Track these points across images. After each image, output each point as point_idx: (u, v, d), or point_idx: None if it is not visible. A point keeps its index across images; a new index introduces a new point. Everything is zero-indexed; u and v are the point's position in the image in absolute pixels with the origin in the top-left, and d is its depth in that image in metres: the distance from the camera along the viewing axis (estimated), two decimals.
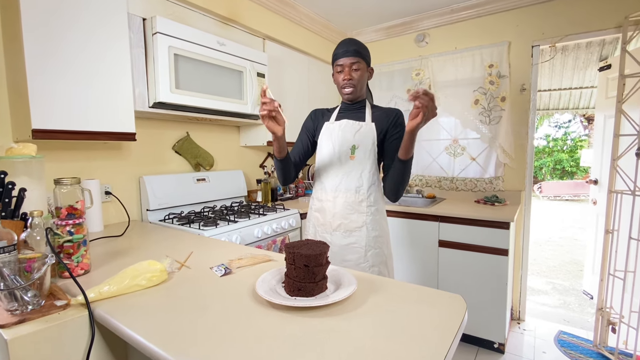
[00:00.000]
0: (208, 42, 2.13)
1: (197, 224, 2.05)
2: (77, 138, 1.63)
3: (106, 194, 2.08)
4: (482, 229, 2.44)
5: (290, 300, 0.92)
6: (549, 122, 14.84)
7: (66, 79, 1.57)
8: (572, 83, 4.94)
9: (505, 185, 3.05)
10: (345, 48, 1.57)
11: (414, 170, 3.50)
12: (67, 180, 1.16)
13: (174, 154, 2.48)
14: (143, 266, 1.08)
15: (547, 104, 6.09)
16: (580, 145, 14.20)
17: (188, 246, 1.56)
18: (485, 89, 3.04)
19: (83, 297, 0.94)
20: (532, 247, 5.76)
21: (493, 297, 2.43)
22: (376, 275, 1.17)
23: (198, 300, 0.97)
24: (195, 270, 1.23)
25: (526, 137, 2.94)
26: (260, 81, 2.49)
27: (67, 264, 1.14)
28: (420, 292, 1.02)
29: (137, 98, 1.90)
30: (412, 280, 2.76)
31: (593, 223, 3.41)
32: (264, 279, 1.04)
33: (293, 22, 3.04)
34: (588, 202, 3.71)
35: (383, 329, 0.81)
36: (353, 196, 1.61)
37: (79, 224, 1.17)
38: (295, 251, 0.96)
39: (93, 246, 1.56)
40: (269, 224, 2.28)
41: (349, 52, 1.56)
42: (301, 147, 1.75)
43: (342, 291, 0.96)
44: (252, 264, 1.28)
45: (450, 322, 0.84)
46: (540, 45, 2.85)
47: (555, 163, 14.49)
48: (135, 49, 1.89)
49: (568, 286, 4.09)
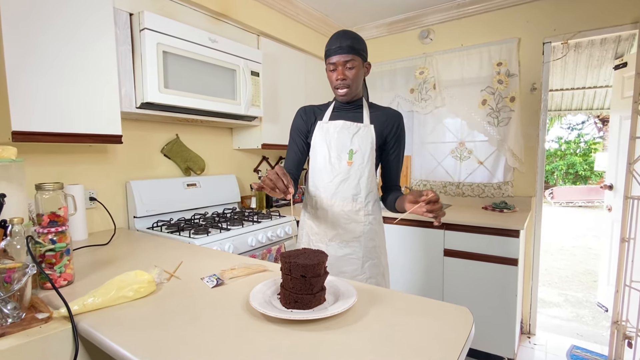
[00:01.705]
0: (199, 39, 2.14)
1: (188, 231, 2.05)
2: (59, 141, 1.64)
3: (91, 200, 2.08)
4: (490, 237, 2.45)
5: (287, 313, 0.92)
6: (561, 124, 14.88)
7: (48, 78, 1.58)
8: (585, 82, 4.97)
9: (515, 191, 3.06)
10: (338, 44, 1.51)
11: (418, 175, 3.51)
12: (49, 186, 1.17)
13: (162, 158, 2.49)
14: (130, 277, 1.08)
15: (559, 105, 6.13)
16: (594, 148, 14.24)
17: (178, 255, 1.56)
18: (493, 89, 3.06)
19: (66, 309, 0.94)
20: (543, 256, 5.77)
21: (502, 309, 2.44)
22: (377, 287, 1.18)
23: (188, 313, 0.97)
24: (186, 281, 1.23)
25: (537, 139, 2.95)
26: (255, 80, 2.50)
27: (49, 274, 1.14)
28: (424, 304, 1.02)
29: (124, 98, 1.91)
30: (415, 292, 2.76)
31: (608, 231, 3.42)
32: (259, 291, 1.04)
33: (289, 17, 3.06)
34: (603, 209, 3.73)
35: (385, 344, 0.82)
36: (350, 204, 1.59)
37: (62, 231, 1.18)
38: (291, 261, 0.96)
39: (77, 255, 1.56)
40: (264, 231, 2.28)
41: (342, 48, 1.50)
42: (296, 155, 1.71)
43: (342, 303, 0.97)
44: (246, 274, 1.28)
45: (456, 336, 0.85)
46: (552, 42, 2.86)
47: (568, 167, 14.53)
48: (122, 46, 1.90)
49: (581, 298, 4.10)
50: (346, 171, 1.58)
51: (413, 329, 0.88)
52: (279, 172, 1.27)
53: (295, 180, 1.67)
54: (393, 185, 1.70)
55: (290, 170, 1.68)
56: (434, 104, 3.33)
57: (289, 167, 1.69)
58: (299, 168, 1.71)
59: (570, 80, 4.90)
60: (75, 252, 1.58)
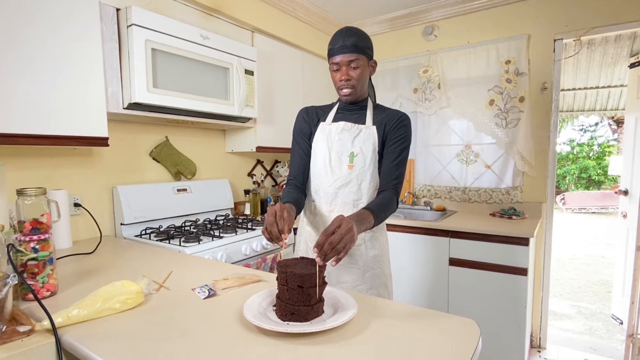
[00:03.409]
0: (190, 36, 2.15)
1: (178, 239, 2.05)
2: (41, 143, 1.64)
3: (75, 206, 2.08)
4: (498, 246, 2.45)
5: (283, 326, 0.93)
6: (573, 126, 14.94)
7: (29, 76, 1.57)
8: (599, 81, 4.99)
9: (524, 197, 3.07)
10: (342, 43, 1.49)
11: (421, 180, 3.52)
12: (31, 191, 1.17)
13: (151, 161, 2.49)
14: (117, 287, 1.08)
15: (571, 105, 6.16)
16: (608, 151, 14.29)
17: (167, 265, 1.57)
18: (501, 88, 3.08)
19: (49, 322, 0.94)
20: (555, 265, 5.78)
21: (510, 322, 2.44)
22: (379, 298, 1.18)
23: (178, 326, 0.98)
24: (176, 292, 1.23)
25: (547, 142, 2.97)
26: (249, 79, 2.51)
27: (31, 284, 1.14)
28: (429, 317, 1.03)
29: (110, 98, 1.91)
30: (419, 303, 2.76)
31: (623, 239, 3.44)
32: (253, 302, 1.05)
33: (285, 12, 3.07)
34: (617, 215, 3.74)
35: (387, 358, 0.82)
36: (351, 210, 1.56)
37: (45, 239, 1.18)
38: (288, 270, 0.97)
39: (60, 265, 1.56)
40: (259, 239, 2.28)
41: (346, 47, 1.48)
42: (302, 160, 1.67)
43: (341, 315, 0.97)
44: (240, 284, 1.29)
45: (462, 350, 0.85)
46: (564, 38, 2.87)
47: (581, 171, 14.57)
48: (108, 43, 1.90)
49: (595, 310, 4.11)
50: (347, 175, 1.57)
51: (416, 342, 0.89)
52: (277, 212, 1.20)
53: (302, 188, 1.64)
54: (382, 185, 1.60)
55: (297, 177, 1.65)
56: (439, 104, 3.34)
57: (294, 173, 1.66)
58: (306, 173, 1.67)
59: (583, 79, 4.92)
60: (59, 261, 1.58)
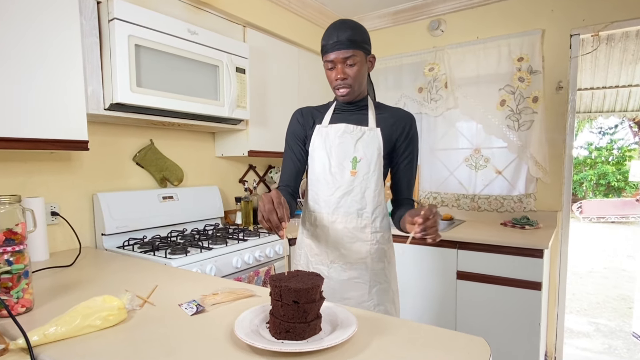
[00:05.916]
0: (176, 31, 2.16)
1: (163, 251, 2.05)
2: (15, 147, 1.64)
3: (52, 215, 2.08)
4: (509, 258, 2.46)
5: (277, 345, 0.93)
6: (591, 128, 14.99)
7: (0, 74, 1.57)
8: (619, 80, 5.00)
9: (538, 205, 3.08)
10: (336, 38, 1.47)
11: (427, 186, 3.53)
12: (4, 199, 1.17)
13: (135, 167, 2.50)
14: (97, 303, 1.08)
15: (589, 106, 6.17)
16: (629, 155, 14.33)
17: (152, 279, 1.57)
18: (513, 88, 3.09)
19: (24, 340, 0.94)
20: (571, 279, 5.78)
21: (523, 340, 2.44)
22: (381, 314, 1.18)
23: (164, 345, 0.98)
24: (161, 308, 1.23)
25: (563, 145, 2.98)
26: (240, 77, 2.52)
27: (4, 300, 1.14)
28: (435, 334, 1.03)
29: (90, 98, 1.92)
30: (424, 319, 2.77)
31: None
32: (245, 319, 1.05)
33: (280, 5, 3.09)
34: (638, 225, 3.75)
35: None
36: (355, 221, 1.57)
37: (20, 251, 1.18)
38: (282, 284, 0.97)
39: (36, 278, 1.55)
40: (251, 251, 2.29)
41: (341, 43, 1.46)
42: (294, 165, 1.67)
43: (340, 333, 0.97)
44: (230, 300, 1.29)
45: None
46: (581, 34, 2.88)
47: (599, 177, 14.61)
48: (88, 38, 1.90)
49: (614, 327, 4.11)
50: (349, 182, 1.56)
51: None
52: (274, 200, 1.21)
53: (293, 195, 1.65)
54: (404, 199, 1.68)
55: (288, 183, 1.66)
56: (446, 104, 3.36)
57: (286, 179, 1.67)
58: (298, 179, 1.68)
59: (602, 77, 4.94)
60: (34, 275, 1.58)
